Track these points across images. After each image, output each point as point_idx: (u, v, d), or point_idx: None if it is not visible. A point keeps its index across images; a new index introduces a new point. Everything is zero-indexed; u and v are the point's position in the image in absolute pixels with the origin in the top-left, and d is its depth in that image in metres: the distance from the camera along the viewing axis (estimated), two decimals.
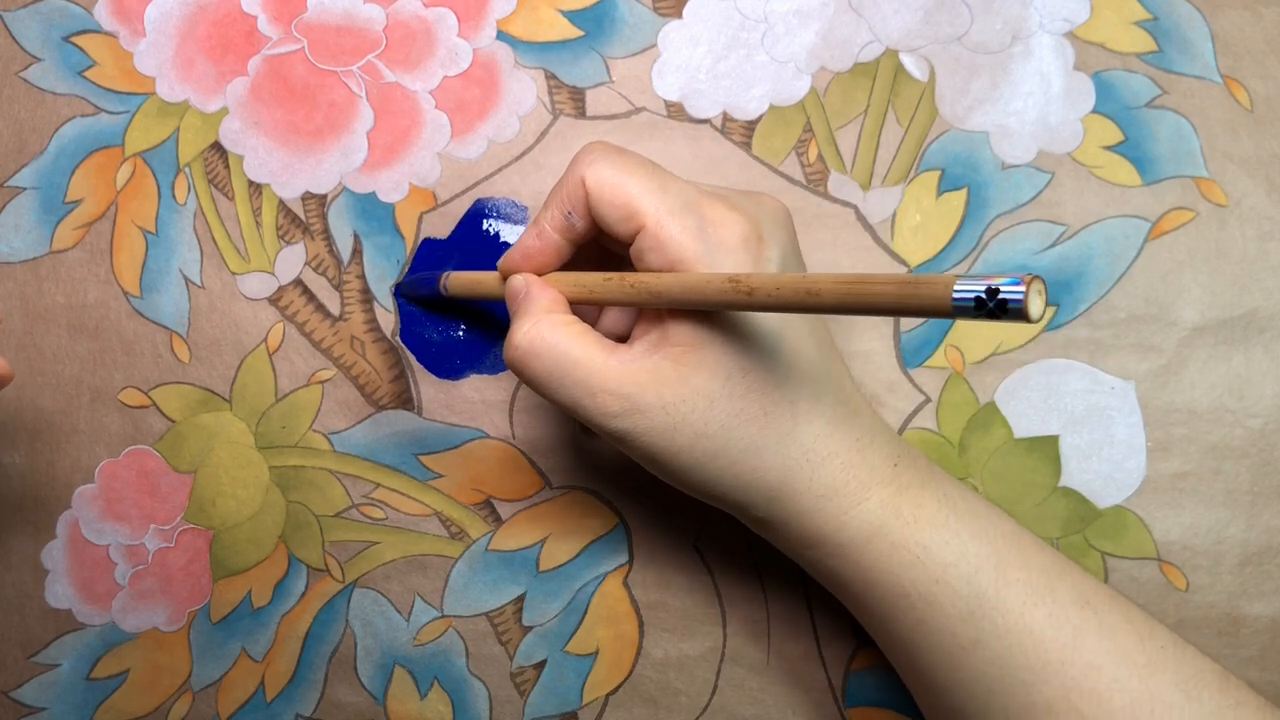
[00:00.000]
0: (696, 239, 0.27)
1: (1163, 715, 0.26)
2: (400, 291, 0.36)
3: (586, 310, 0.31)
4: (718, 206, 0.28)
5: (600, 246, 0.31)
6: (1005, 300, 0.19)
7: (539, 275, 0.30)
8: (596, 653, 0.35)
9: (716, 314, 0.27)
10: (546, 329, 0.28)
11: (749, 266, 0.27)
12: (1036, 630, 0.27)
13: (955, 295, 0.19)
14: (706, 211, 0.28)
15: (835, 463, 0.28)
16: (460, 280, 0.33)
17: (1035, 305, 0.19)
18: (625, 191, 0.28)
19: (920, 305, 0.20)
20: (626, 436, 0.28)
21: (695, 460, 0.28)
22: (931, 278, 0.20)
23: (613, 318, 0.32)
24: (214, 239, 0.36)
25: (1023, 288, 0.19)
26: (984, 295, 0.19)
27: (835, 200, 0.36)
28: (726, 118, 0.36)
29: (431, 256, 0.36)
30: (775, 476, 0.28)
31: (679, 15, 0.37)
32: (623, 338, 0.29)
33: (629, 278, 0.27)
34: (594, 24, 0.37)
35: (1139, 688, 0.26)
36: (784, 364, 0.28)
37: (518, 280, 0.30)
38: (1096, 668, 0.26)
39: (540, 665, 0.36)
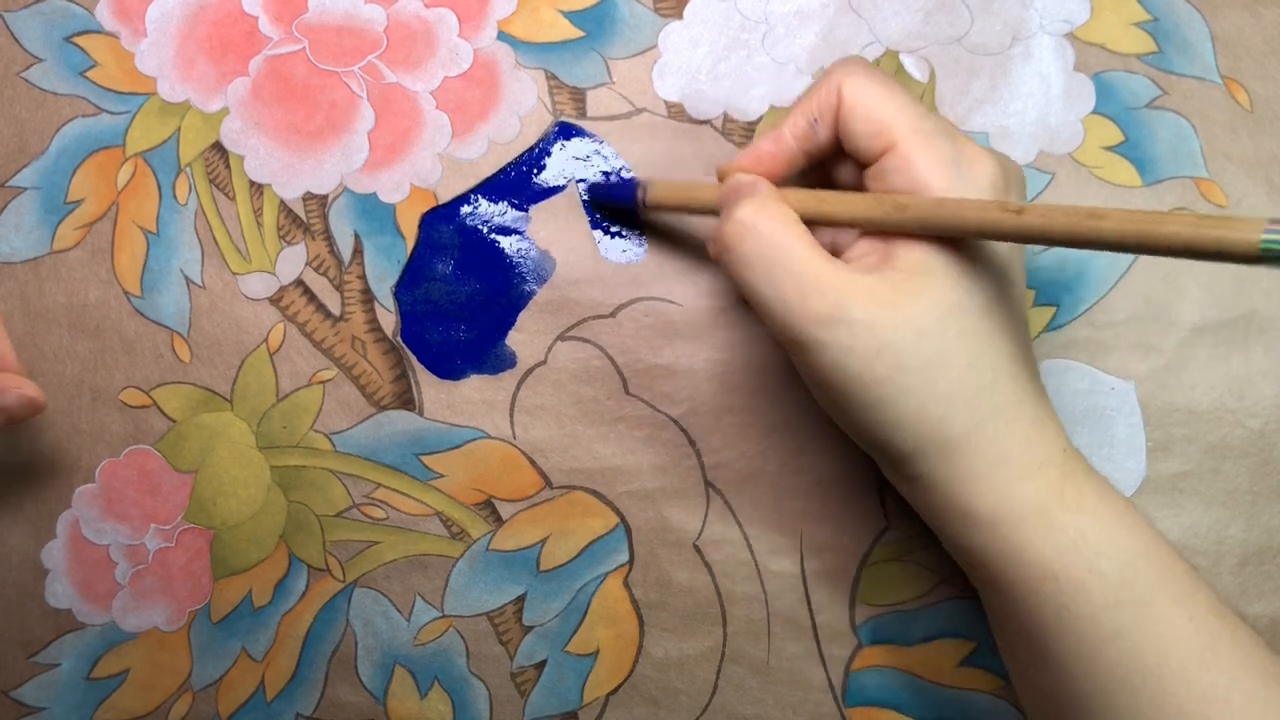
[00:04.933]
0: (950, 169, 0.26)
1: None
2: (589, 193, 0.35)
3: None
4: (972, 145, 0.27)
5: (822, 177, 0.30)
6: None
7: None
8: (597, 653, 0.36)
9: (947, 247, 0.26)
10: (775, 213, 0.27)
11: None
12: (1179, 630, 0.26)
13: (1266, 236, 0.18)
14: (963, 146, 0.27)
15: (1017, 430, 0.27)
16: (665, 189, 0.31)
17: None
18: (883, 108, 0.27)
19: (1219, 246, 0.19)
20: (822, 348, 0.26)
21: (884, 395, 0.26)
22: (1235, 218, 0.19)
23: (825, 240, 0.30)
24: (215, 239, 0.36)
25: None
26: None
27: None
28: (727, 119, 0.36)
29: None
30: (959, 429, 0.27)
31: (680, 16, 0.37)
32: None
33: (872, 193, 0.26)
34: (594, 24, 0.37)
35: (1268, 704, 0.26)
36: (998, 316, 0.27)
37: (745, 176, 0.29)
38: (1233, 677, 0.26)
39: (540, 665, 0.36)
